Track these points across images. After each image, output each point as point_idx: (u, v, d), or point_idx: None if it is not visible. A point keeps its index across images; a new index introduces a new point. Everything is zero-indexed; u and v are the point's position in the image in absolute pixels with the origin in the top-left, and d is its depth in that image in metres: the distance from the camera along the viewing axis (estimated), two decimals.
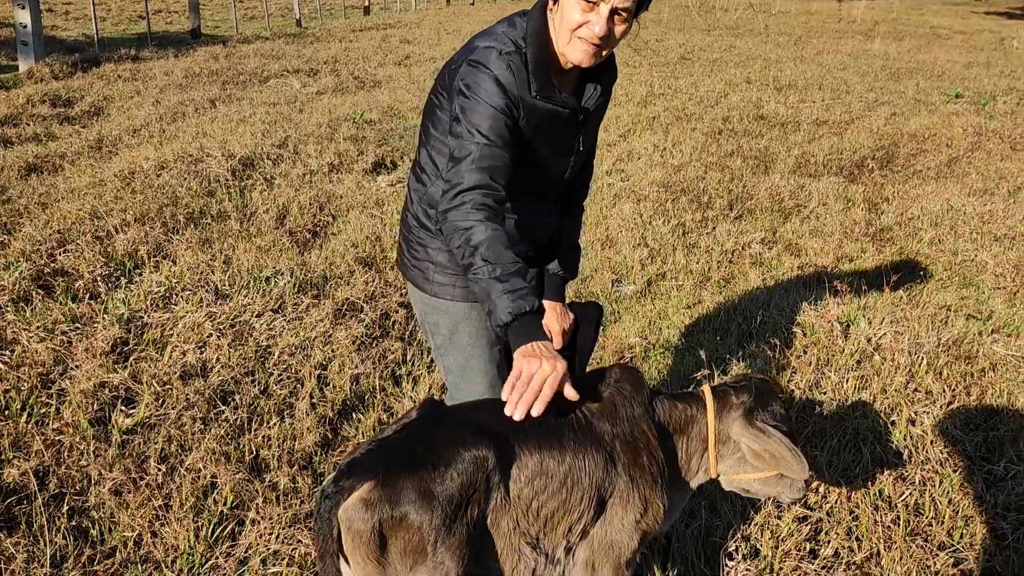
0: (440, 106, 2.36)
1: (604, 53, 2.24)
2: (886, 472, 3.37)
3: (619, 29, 2.19)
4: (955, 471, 3.39)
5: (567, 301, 2.79)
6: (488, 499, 1.95)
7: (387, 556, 1.87)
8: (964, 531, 3.10)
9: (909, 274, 5.72)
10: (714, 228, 6.61)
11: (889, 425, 3.67)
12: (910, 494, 3.24)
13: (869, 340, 4.48)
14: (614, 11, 2.13)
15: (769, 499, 3.03)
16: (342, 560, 1.91)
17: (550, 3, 2.23)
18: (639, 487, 2.15)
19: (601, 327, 2.91)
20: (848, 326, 4.70)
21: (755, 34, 22.78)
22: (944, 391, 3.95)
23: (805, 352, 4.38)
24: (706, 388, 2.38)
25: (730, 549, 2.95)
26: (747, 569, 2.84)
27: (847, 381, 4.04)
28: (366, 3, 30.08)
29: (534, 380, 1.88)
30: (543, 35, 2.23)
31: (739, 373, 4.17)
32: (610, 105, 2.50)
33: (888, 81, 14.70)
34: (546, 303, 2.70)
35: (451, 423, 2.02)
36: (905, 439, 3.58)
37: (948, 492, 3.27)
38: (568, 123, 2.37)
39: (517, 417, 1.87)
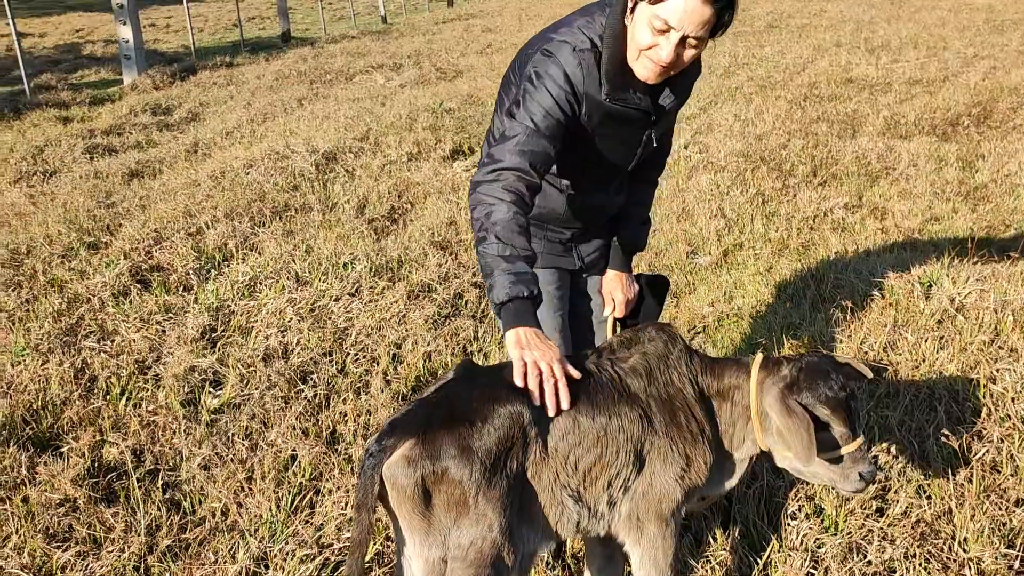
0: (514, 82, 2.43)
1: (671, 73, 2.24)
2: (961, 430, 3.26)
3: (688, 54, 2.18)
4: None
5: (635, 273, 2.86)
6: (526, 452, 2.01)
7: (431, 509, 1.96)
8: None
9: (1002, 232, 5.47)
10: (795, 195, 6.46)
11: (967, 383, 3.55)
12: (986, 451, 3.13)
13: (952, 300, 4.32)
14: (684, 38, 2.12)
15: (822, 486, 2.90)
16: (392, 517, 2.01)
17: (627, 11, 2.20)
18: (678, 444, 2.17)
19: (666, 299, 2.98)
20: (930, 286, 4.54)
21: None
22: None
23: (881, 314, 4.26)
24: (757, 356, 2.33)
25: (792, 509, 2.93)
26: (810, 527, 2.82)
27: (925, 342, 3.91)
28: None
29: (544, 370, 2.01)
30: (620, 39, 2.24)
31: (810, 345, 4.10)
32: None
33: (991, 35, 13.95)
34: (612, 273, 2.82)
35: (486, 381, 2.09)
36: (984, 397, 3.45)
37: None
38: (637, 122, 2.40)
39: (552, 414, 2.03)
